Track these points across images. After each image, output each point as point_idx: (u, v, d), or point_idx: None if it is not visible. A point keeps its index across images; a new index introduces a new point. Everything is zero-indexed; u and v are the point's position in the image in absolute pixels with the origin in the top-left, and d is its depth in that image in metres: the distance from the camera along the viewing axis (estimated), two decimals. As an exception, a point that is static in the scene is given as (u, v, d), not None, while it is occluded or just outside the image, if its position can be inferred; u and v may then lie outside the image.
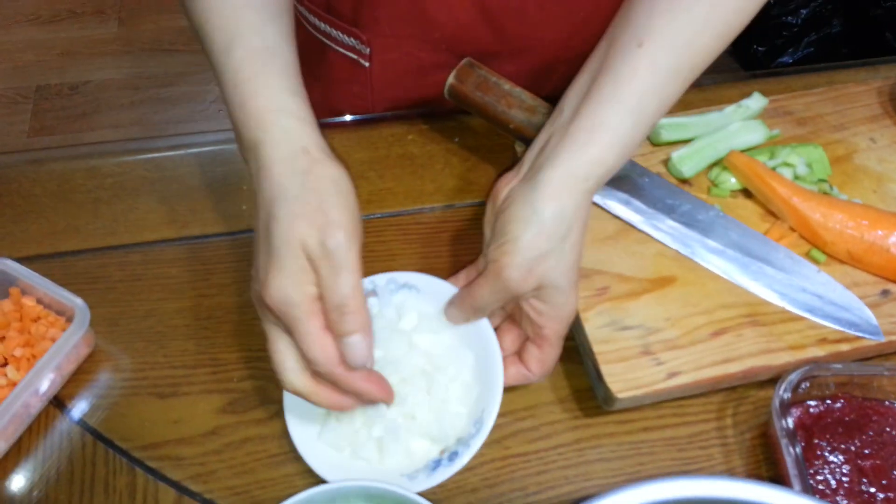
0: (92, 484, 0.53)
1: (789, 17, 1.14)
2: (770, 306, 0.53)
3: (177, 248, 0.64)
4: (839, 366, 0.50)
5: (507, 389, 0.52)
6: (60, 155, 0.71)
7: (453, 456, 0.49)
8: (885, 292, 0.54)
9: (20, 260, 0.58)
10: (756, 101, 0.64)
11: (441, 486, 0.52)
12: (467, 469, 0.53)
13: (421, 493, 0.44)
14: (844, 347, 0.51)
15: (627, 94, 0.48)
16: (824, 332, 0.52)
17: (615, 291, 0.54)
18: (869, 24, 1.11)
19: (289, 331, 0.45)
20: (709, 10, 0.49)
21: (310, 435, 0.51)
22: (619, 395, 0.50)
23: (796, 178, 0.59)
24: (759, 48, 1.18)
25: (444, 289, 0.54)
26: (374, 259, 0.62)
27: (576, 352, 0.57)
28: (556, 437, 0.55)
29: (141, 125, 1.99)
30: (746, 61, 1.26)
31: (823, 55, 1.22)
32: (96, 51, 2.16)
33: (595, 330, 0.52)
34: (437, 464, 0.50)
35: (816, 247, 0.56)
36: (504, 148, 0.68)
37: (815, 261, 0.56)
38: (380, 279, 0.56)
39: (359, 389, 0.47)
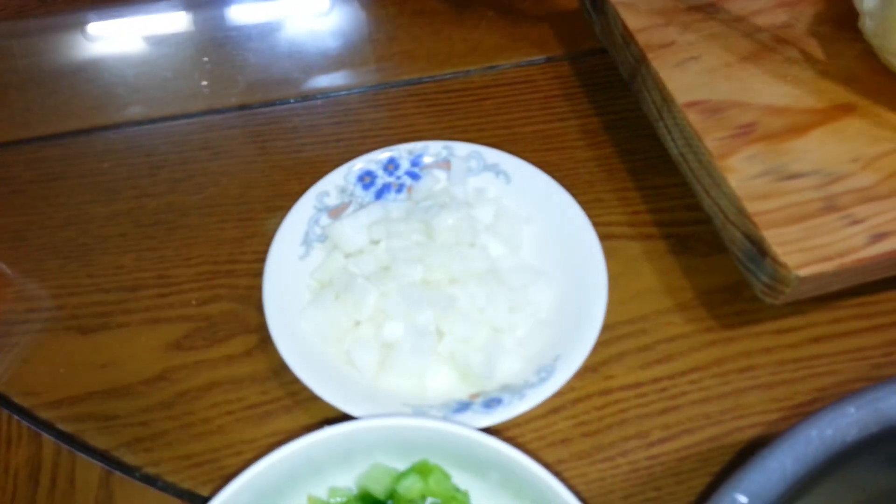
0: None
1: None
2: None
3: (111, 137, 0.45)
4: None
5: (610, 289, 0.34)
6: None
7: (492, 404, 0.31)
8: None
9: None
10: None
11: (517, 430, 0.33)
12: (552, 411, 0.34)
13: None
14: None
15: None
16: None
17: (767, 128, 0.35)
18: None
19: None
20: None
21: (302, 341, 0.33)
22: (800, 273, 0.31)
23: None
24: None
25: (550, 188, 0.36)
26: (397, 136, 0.44)
27: (697, 239, 0.39)
28: (682, 358, 0.36)
29: None
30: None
31: None
32: None
33: (744, 182, 0.33)
34: (463, 407, 0.31)
35: None
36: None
37: None
38: (460, 148, 0.38)
39: None
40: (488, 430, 0.28)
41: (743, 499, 0.21)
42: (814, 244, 0.32)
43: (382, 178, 0.39)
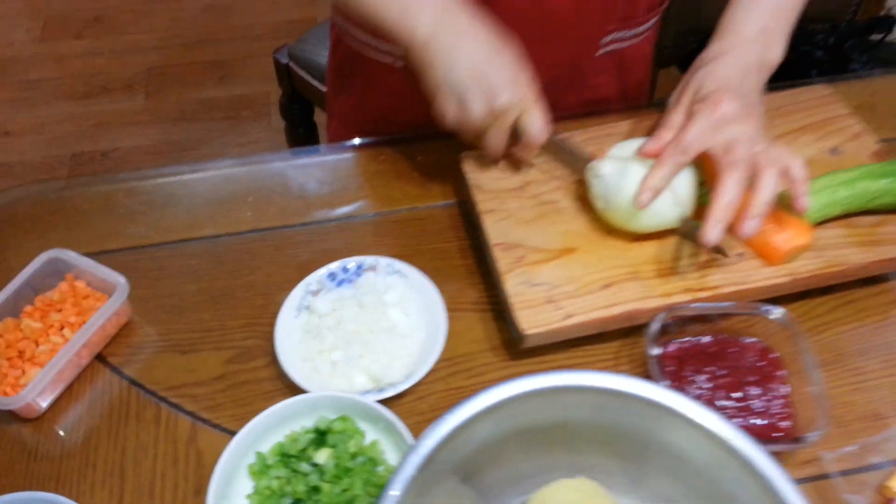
0: (126, 417, 0.69)
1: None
2: (648, 266, 0.69)
3: (195, 245, 0.81)
4: (696, 305, 0.66)
5: (450, 338, 0.68)
6: (104, 180, 0.90)
7: (384, 390, 0.65)
8: (741, 254, 0.70)
9: (75, 250, 0.75)
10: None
11: (399, 407, 0.67)
12: (419, 398, 0.68)
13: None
14: (703, 294, 0.67)
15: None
16: (689, 283, 0.68)
17: (529, 259, 0.70)
18: (794, 64, 1.30)
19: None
20: None
21: (293, 359, 0.67)
22: (528, 332, 0.65)
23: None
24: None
25: (427, 285, 0.72)
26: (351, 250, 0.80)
27: (502, 312, 0.73)
28: (487, 374, 0.70)
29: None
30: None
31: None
32: (126, 121, 2.39)
33: (513, 287, 0.68)
34: (369, 392, 0.65)
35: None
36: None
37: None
38: (383, 260, 0.74)
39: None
40: (382, 402, 0.62)
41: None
42: (538, 319, 0.66)
43: (340, 276, 0.74)
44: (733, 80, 0.69)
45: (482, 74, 0.68)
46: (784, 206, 0.67)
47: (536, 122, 0.70)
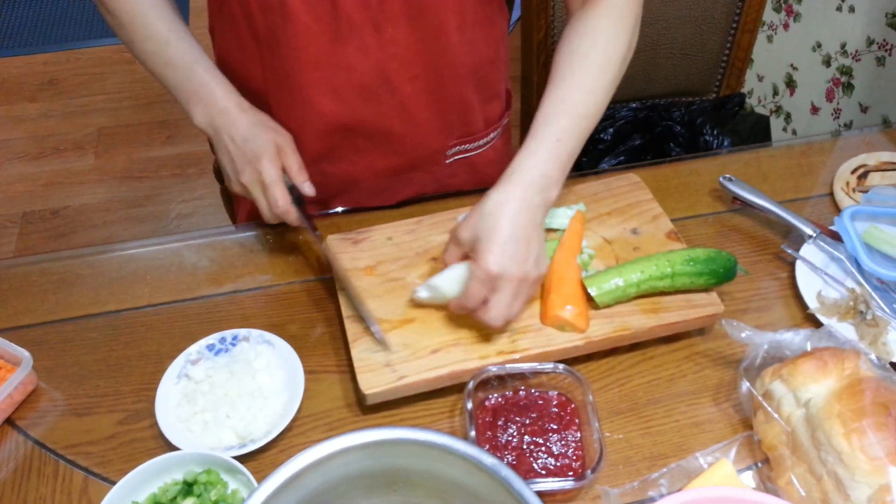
0: (29, 472, 0.80)
1: (601, 135, 1.50)
2: (470, 333, 0.83)
3: (98, 320, 0.93)
4: (505, 366, 0.79)
5: (312, 397, 0.81)
6: (22, 262, 1.02)
7: (243, 447, 0.77)
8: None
9: (-12, 328, 0.87)
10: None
11: (263, 460, 0.79)
12: (281, 451, 0.81)
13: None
14: (515, 356, 0.80)
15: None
16: (501, 347, 0.81)
17: (378, 328, 0.83)
18: (657, 138, 1.47)
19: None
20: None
21: (171, 420, 0.79)
22: (368, 392, 0.78)
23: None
24: (584, 158, 1.52)
25: (290, 353, 0.84)
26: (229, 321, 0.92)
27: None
28: (342, 428, 0.82)
29: (112, 240, 2.31)
30: (576, 167, 1.62)
31: (633, 159, 1.55)
32: (76, 180, 2.51)
33: (358, 353, 0.81)
34: (231, 448, 0.78)
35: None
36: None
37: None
38: (255, 332, 0.86)
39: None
40: (241, 458, 0.74)
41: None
42: (377, 381, 0.79)
43: (217, 346, 0.86)
44: (506, 231, 0.77)
45: (237, 157, 0.87)
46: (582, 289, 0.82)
47: (278, 196, 0.87)
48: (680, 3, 1.44)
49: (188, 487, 0.75)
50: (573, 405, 0.79)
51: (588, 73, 0.83)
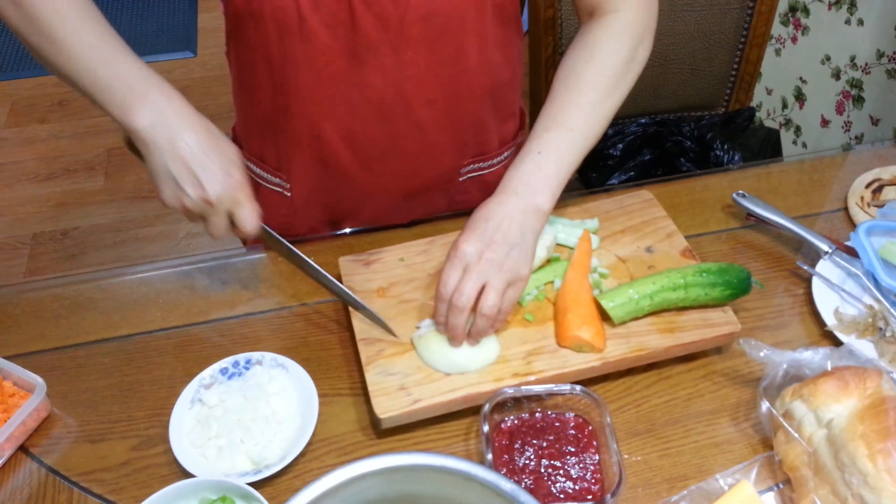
0: (43, 500, 0.80)
1: (611, 150, 1.49)
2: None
3: (110, 345, 0.93)
4: (521, 388, 0.78)
5: (326, 421, 0.81)
6: (34, 286, 1.02)
7: (258, 473, 0.77)
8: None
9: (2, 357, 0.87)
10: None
11: (278, 486, 0.78)
12: (296, 476, 0.80)
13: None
14: (530, 378, 0.80)
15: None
16: (517, 369, 0.80)
17: (388, 352, 0.83)
18: (667, 153, 1.46)
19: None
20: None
21: (185, 446, 0.79)
22: (382, 417, 0.77)
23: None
24: (593, 174, 1.52)
25: (304, 376, 0.84)
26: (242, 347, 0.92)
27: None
28: (357, 452, 0.82)
29: (122, 261, 2.31)
30: (586, 183, 1.60)
31: (643, 175, 1.55)
32: (85, 201, 2.52)
33: (372, 376, 0.80)
34: (248, 473, 0.77)
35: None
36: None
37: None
38: (268, 355, 0.86)
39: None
40: (256, 484, 0.74)
41: None
42: (391, 405, 0.78)
43: (230, 370, 0.86)
44: (479, 222, 0.81)
45: (197, 166, 0.77)
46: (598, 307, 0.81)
47: (246, 217, 0.82)
48: (688, 18, 1.44)
49: (203, 515, 0.74)
50: (591, 427, 0.79)
51: (578, 89, 0.86)
